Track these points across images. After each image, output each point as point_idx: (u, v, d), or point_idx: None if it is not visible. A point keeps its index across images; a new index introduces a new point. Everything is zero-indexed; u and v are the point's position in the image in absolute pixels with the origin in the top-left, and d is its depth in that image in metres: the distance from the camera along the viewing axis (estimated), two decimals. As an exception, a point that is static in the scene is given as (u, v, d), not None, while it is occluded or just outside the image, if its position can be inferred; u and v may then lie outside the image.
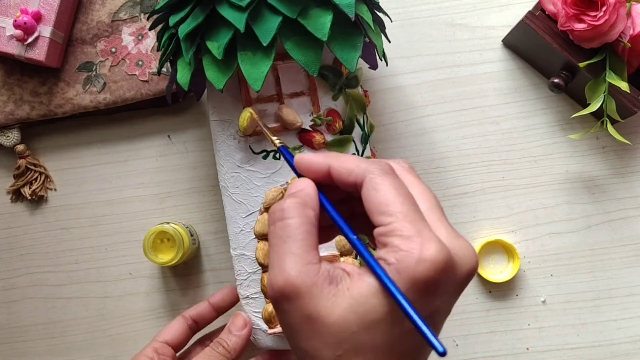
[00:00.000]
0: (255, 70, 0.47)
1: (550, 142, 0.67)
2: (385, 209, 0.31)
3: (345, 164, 0.34)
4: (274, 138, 0.42)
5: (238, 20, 0.46)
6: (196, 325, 0.59)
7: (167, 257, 0.62)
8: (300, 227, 0.33)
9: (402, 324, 0.30)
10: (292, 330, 0.32)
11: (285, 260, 0.32)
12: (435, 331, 0.32)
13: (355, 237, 0.33)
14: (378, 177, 0.32)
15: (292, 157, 0.37)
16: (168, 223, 0.63)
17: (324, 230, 0.36)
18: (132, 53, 0.65)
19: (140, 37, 0.65)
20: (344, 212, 0.35)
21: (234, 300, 0.60)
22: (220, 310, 0.60)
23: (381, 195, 0.31)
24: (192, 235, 0.65)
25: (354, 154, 0.54)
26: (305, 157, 0.35)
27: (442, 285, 0.30)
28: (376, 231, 0.31)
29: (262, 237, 0.53)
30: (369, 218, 0.32)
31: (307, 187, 0.35)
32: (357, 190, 0.33)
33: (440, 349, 0.28)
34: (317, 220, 0.34)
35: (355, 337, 0.30)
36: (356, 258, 0.54)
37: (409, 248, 0.30)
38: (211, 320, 0.60)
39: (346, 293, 0.31)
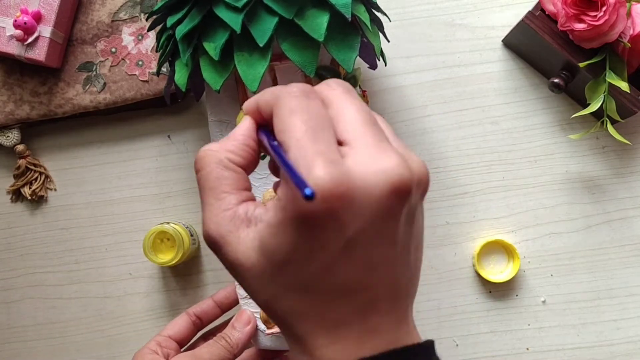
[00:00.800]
0: (252, 71, 0.47)
1: (550, 142, 0.67)
2: (281, 136, 0.28)
3: (264, 95, 0.31)
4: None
5: (234, 21, 0.46)
6: (200, 322, 0.59)
7: (167, 257, 0.62)
8: (211, 175, 0.31)
9: (313, 260, 0.28)
10: (231, 275, 0.32)
11: (204, 212, 0.31)
12: (381, 267, 0.29)
13: (275, 143, 0.30)
14: (282, 101, 0.29)
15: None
16: (168, 223, 0.63)
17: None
18: (132, 53, 0.65)
19: (140, 37, 0.66)
20: None
21: (238, 298, 0.61)
22: (224, 307, 0.61)
23: (279, 121, 0.29)
24: (192, 235, 0.65)
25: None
26: (249, 100, 0.33)
27: (343, 214, 0.27)
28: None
29: None
30: None
31: (237, 129, 0.33)
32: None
33: (308, 191, 0.24)
34: (245, 160, 0.32)
35: (273, 280, 0.29)
36: None
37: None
38: (215, 318, 0.61)
39: (257, 235, 0.29)
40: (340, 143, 0.29)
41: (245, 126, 0.32)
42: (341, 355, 0.29)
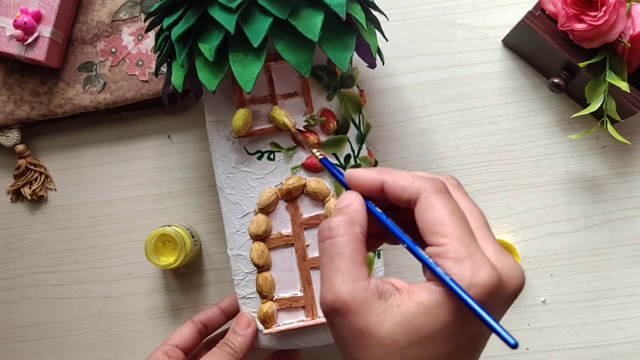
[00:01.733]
0: (246, 72, 0.47)
1: (550, 142, 0.67)
2: (439, 229, 0.32)
3: (399, 181, 0.35)
4: (315, 150, 0.44)
5: (228, 21, 0.46)
6: (205, 329, 0.59)
7: (169, 259, 0.62)
8: (348, 245, 0.34)
9: (451, 341, 0.32)
10: (344, 343, 0.34)
11: (335, 277, 0.33)
12: (482, 347, 0.35)
13: (414, 245, 0.34)
14: (433, 195, 0.33)
15: (334, 167, 0.40)
16: (169, 226, 0.63)
17: (373, 238, 0.38)
18: (132, 53, 0.65)
19: (140, 37, 0.66)
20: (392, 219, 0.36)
21: None
22: (229, 314, 0.61)
23: (435, 215, 0.33)
24: (193, 237, 0.65)
25: (349, 154, 0.54)
26: (358, 173, 0.37)
27: (491, 306, 0.31)
28: (428, 250, 0.33)
29: (257, 237, 0.53)
30: (415, 227, 0.34)
31: (354, 202, 0.36)
32: (410, 206, 0.34)
33: (512, 341, 0.31)
34: (365, 235, 0.35)
35: (404, 352, 0.32)
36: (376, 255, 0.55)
37: (460, 272, 0.31)
38: (221, 325, 0.61)
39: (396, 310, 0.32)
40: None
41: (361, 201, 0.36)
42: None
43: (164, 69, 0.64)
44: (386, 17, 0.59)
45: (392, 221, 0.35)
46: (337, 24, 0.48)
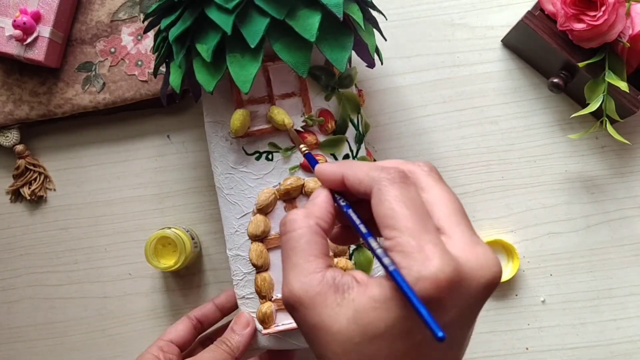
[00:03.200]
0: (244, 72, 0.47)
1: (549, 142, 0.67)
2: (390, 222, 0.31)
3: (357, 173, 0.34)
4: (301, 146, 0.44)
5: (225, 22, 0.46)
6: (201, 325, 0.59)
7: (170, 262, 0.62)
8: (302, 238, 0.33)
9: (405, 338, 0.30)
10: (306, 338, 0.33)
11: (289, 272, 0.33)
12: (456, 345, 0.32)
13: (369, 235, 0.33)
14: (385, 187, 0.32)
15: (317, 163, 0.39)
16: (170, 228, 0.63)
17: (349, 231, 0.38)
18: (132, 53, 0.65)
19: (139, 37, 0.66)
20: (366, 215, 0.34)
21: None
22: (224, 310, 0.61)
23: (387, 207, 0.31)
24: (193, 239, 0.65)
25: (347, 154, 0.54)
26: (323, 167, 0.36)
27: (448, 301, 0.29)
28: (383, 244, 0.31)
29: (256, 238, 0.53)
30: None
31: (318, 196, 0.36)
32: (368, 199, 0.33)
33: (440, 333, 0.27)
34: (326, 228, 0.35)
35: (359, 348, 0.31)
36: (350, 259, 0.54)
37: (408, 265, 0.29)
38: (216, 321, 0.61)
39: (351, 304, 0.31)
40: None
41: (325, 194, 0.36)
42: None
43: (162, 69, 0.64)
44: (385, 16, 0.59)
45: (360, 215, 0.34)
46: (334, 24, 0.48)
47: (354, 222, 0.34)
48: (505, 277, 0.65)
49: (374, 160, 0.60)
